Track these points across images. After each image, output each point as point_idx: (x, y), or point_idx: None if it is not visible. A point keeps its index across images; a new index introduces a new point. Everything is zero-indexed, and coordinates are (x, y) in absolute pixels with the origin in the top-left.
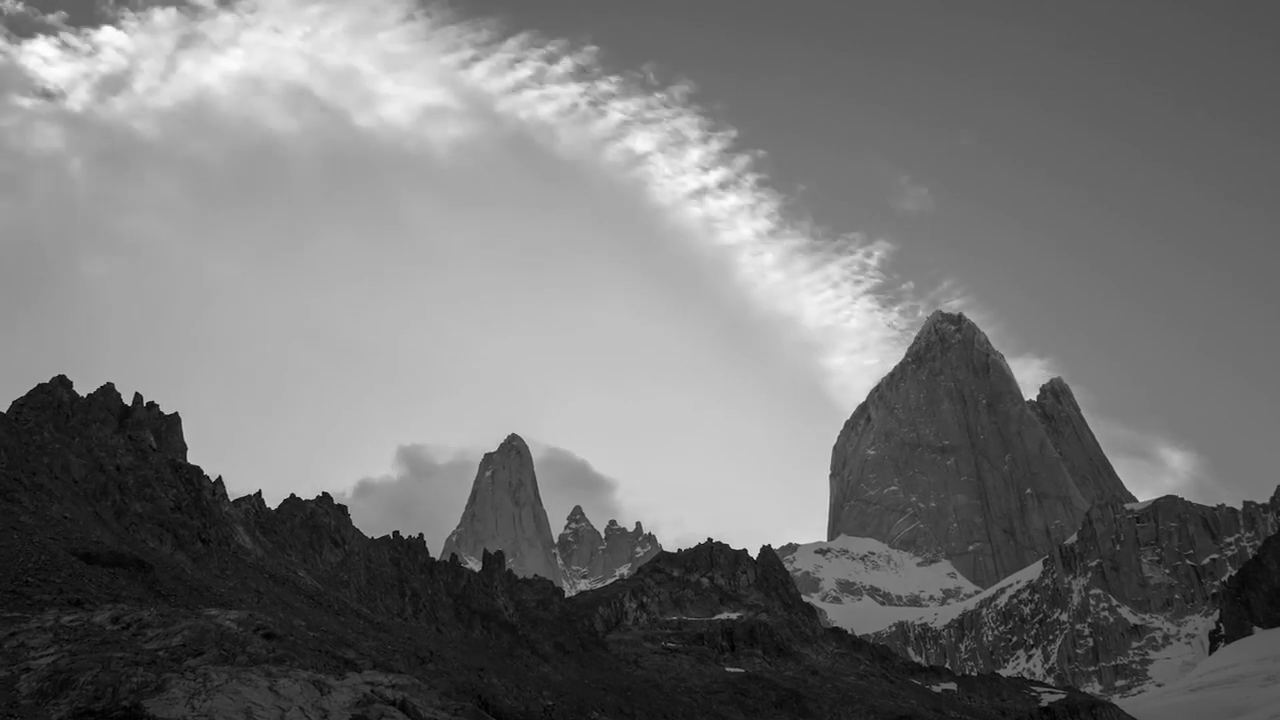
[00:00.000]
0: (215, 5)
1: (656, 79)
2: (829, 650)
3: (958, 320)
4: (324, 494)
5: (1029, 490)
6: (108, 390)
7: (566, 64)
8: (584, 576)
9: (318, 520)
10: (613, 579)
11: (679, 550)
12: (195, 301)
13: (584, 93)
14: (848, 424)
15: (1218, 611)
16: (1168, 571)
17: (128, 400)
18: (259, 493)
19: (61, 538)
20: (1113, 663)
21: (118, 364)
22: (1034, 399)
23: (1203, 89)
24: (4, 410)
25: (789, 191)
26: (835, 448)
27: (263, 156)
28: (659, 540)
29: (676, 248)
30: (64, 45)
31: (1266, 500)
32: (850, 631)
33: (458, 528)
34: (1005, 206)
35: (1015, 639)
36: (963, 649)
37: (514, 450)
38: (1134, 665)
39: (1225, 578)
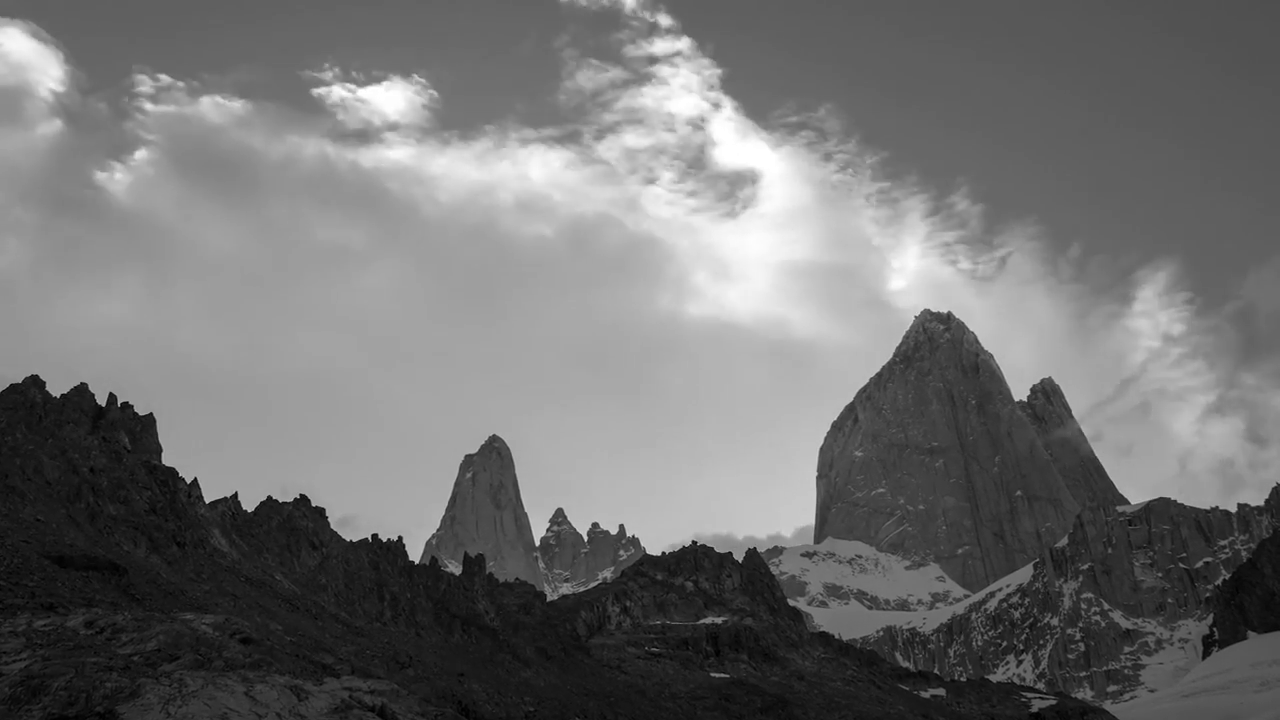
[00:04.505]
0: None
1: None
2: (815, 655)
3: (946, 319)
4: (301, 496)
5: (1019, 492)
6: (81, 390)
7: None
8: (566, 580)
9: (295, 523)
10: (595, 582)
11: (663, 553)
12: None
13: None
14: (834, 425)
15: (1211, 616)
16: (1160, 575)
17: (101, 400)
18: (235, 495)
19: (34, 540)
20: (1104, 668)
21: None
22: (1024, 399)
23: None
24: None
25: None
26: (821, 449)
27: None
28: (642, 543)
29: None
30: None
31: (1261, 503)
32: (837, 636)
33: (437, 530)
34: None
35: (1005, 643)
36: (952, 654)
37: (495, 452)
38: (1126, 670)
39: (1219, 581)
